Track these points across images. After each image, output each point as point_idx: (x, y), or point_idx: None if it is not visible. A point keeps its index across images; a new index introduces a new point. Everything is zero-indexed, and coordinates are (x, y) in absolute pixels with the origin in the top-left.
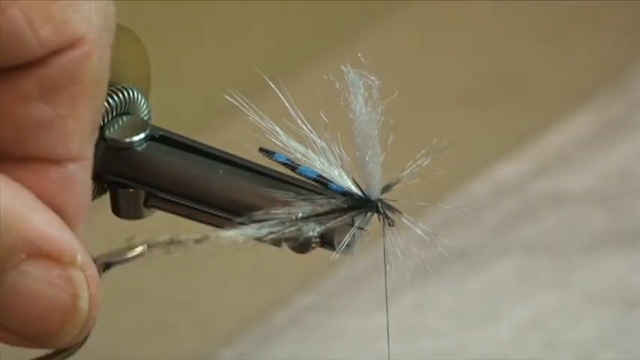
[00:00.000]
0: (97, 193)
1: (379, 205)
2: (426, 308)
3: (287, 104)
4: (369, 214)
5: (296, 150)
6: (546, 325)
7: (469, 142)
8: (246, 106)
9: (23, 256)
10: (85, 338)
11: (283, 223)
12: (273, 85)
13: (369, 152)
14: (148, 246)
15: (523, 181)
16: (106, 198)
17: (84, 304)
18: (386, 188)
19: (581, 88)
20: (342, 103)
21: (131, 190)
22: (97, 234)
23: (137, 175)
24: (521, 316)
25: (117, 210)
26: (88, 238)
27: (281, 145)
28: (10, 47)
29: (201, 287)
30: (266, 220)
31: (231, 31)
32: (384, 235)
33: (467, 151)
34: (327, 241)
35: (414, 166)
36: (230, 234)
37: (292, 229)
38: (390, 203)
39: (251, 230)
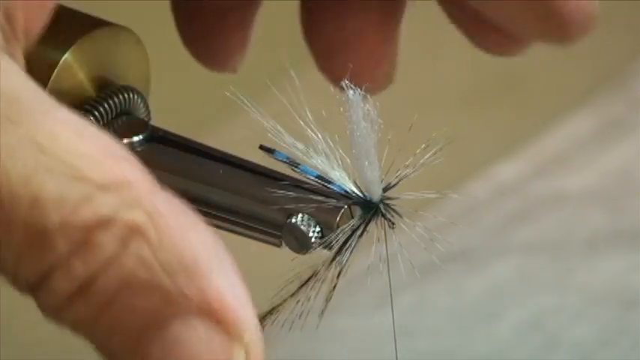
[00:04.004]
0: None
1: (381, 207)
2: (426, 308)
3: (287, 104)
4: (369, 215)
5: (297, 149)
6: (546, 325)
7: (469, 142)
8: (248, 104)
9: (194, 309)
10: None
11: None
12: (272, 86)
13: (366, 162)
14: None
15: (523, 181)
16: None
17: None
18: (386, 189)
19: (581, 88)
20: (341, 111)
21: None
22: None
23: None
24: (521, 316)
25: None
26: None
27: (282, 144)
28: None
29: None
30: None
31: None
32: (385, 237)
33: (467, 151)
34: (326, 241)
35: (413, 165)
36: None
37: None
38: (392, 205)
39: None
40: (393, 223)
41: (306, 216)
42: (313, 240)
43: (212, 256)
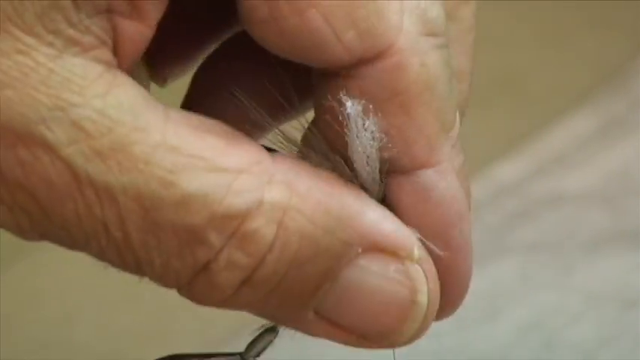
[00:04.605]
0: None
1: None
2: None
3: (285, 104)
4: None
5: (297, 148)
6: (546, 325)
7: (469, 142)
8: (247, 104)
9: (359, 250)
10: None
11: None
12: (269, 86)
13: (367, 167)
14: None
15: (523, 181)
16: None
17: (423, 298)
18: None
19: (581, 88)
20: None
21: None
22: None
23: None
24: (521, 316)
25: None
26: None
27: (282, 143)
28: (313, 49)
29: None
30: None
31: None
32: None
33: (467, 151)
34: None
35: None
36: None
37: None
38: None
39: None
40: None
41: None
42: None
43: (351, 196)
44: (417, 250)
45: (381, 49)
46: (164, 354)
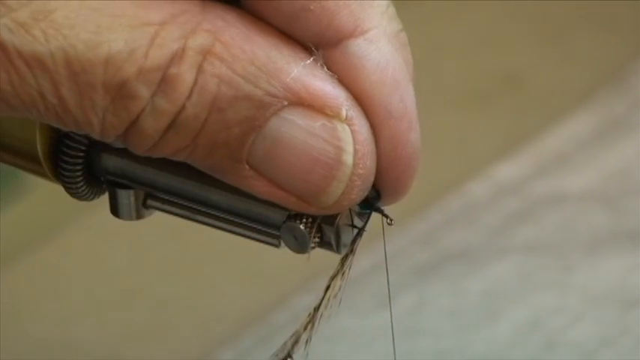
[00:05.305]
0: (96, 193)
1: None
2: (426, 308)
3: None
4: (369, 212)
5: None
6: (546, 325)
7: (469, 142)
8: None
9: (285, 103)
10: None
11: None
12: None
13: None
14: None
15: (523, 182)
16: (105, 198)
17: (348, 158)
18: None
19: (581, 88)
20: None
21: (130, 190)
22: (96, 234)
23: (136, 175)
24: (521, 316)
25: (115, 210)
26: (86, 240)
27: None
28: None
29: (201, 287)
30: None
31: None
32: (384, 235)
33: (467, 151)
34: (326, 240)
35: None
36: None
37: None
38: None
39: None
40: (392, 220)
41: (305, 215)
42: (312, 239)
43: (283, 51)
44: (346, 110)
45: None
46: (164, 354)
